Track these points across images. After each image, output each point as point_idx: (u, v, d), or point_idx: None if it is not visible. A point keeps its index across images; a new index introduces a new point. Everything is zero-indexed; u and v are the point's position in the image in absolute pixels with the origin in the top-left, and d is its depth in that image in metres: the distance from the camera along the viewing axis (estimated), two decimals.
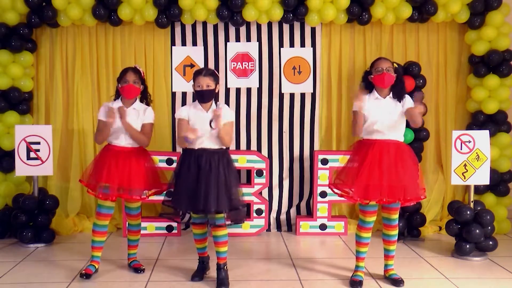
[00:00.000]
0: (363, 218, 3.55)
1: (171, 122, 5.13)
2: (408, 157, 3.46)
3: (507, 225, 4.92)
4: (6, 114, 4.78)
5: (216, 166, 3.41)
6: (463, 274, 3.83)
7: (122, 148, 3.63)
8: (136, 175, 3.61)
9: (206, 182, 3.36)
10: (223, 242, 3.53)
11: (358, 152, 3.53)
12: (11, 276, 3.76)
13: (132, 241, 3.90)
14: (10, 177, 4.81)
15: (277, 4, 4.73)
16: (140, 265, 3.86)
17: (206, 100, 3.47)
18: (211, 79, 3.45)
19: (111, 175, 3.54)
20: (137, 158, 3.66)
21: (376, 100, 3.50)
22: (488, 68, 4.84)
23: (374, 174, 3.36)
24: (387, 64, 3.47)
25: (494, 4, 4.76)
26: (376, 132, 3.46)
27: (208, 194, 3.34)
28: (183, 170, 3.46)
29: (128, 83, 3.61)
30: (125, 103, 3.67)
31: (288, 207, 5.17)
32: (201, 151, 3.43)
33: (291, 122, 5.16)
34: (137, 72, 3.67)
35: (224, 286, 3.50)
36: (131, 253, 3.92)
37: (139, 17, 4.76)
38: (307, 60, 5.13)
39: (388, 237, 3.63)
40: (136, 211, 3.83)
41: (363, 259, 3.66)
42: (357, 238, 3.63)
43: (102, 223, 3.68)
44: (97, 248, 3.75)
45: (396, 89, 3.49)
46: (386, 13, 4.78)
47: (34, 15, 4.77)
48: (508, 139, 4.89)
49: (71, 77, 5.08)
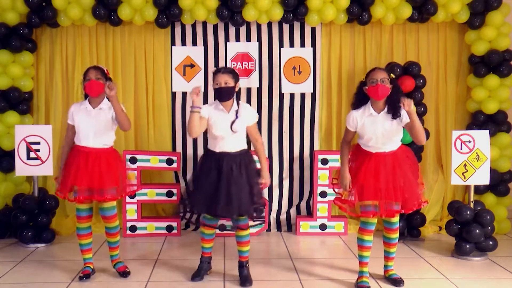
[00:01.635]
0: (365, 220, 3.47)
1: (171, 122, 5.13)
2: (405, 165, 3.40)
3: (507, 225, 4.92)
4: (6, 114, 4.78)
5: (238, 168, 3.38)
6: (463, 274, 3.83)
7: (91, 149, 3.52)
8: (107, 174, 3.49)
9: (227, 187, 3.33)
10: (246, 241, 3.57)
11: (355, 158, 3.50)
12: (11, 276, 3.76)
13: (112, 243, 3.75)
14: (10, 177, 4.81)
15: (277, 4, 4.73)
16: (124, 268, 3.76)
17: (224, 98, 3.40)
18: (229, 76, 3.38)
19: (79, 176, 3.45)
20: (106, 158, 3.55)
21: (370, 117, 3.37)
22: (488, 68, 4.84)
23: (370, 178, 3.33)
24: (382, 75, 3.30)
25: (494, 4, 4.76)
26: (372, 147, 3.40)
27: (230, 199, 3.32)
28: (203, 173, 3.44)
29: (90, 80, 3.46)
30: (92, 103, 3.54)
31: (288, 207, 5.17)
32: (222, 155, 3.40)
33: (291, 122, 5.16)
34: (99, 69, 3.53)
35: (248, 283, 3.54)
36: (113, 254, 3.79)
37: (139, 17, 4.76)
38: (307, 60, 5.13)
39: (388, 240, 3.61)
40: (111, 212, 3.63)
41: (367, 264, 3.56)
42: (359, 242, 3.53)
43: (84, 225, 3.66)
44: (86, 251, 3.73)
45: (391, 102, 3.31)
46: (386, 13, 4.78)
47: (34, 15, 4.77)
48: (508, 139, 4.89)
49: (71, 77, 5.08)
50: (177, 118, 5.12)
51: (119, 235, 3.78)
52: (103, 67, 3.60)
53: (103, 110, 3.54)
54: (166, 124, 5.13)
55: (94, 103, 3.55)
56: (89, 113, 3.53)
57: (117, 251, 3.80)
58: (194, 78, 5.11)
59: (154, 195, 4.81)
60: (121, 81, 5.06)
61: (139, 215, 4.83)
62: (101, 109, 3.54)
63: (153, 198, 4.82)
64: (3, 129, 4.77)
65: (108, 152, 3.60)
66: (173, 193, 4.81)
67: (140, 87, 5.08)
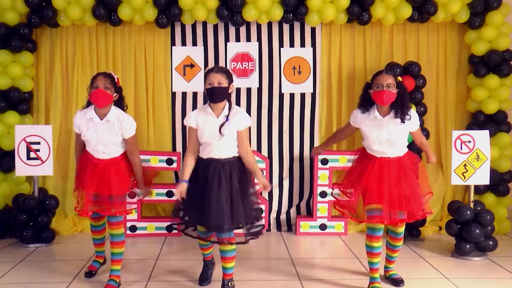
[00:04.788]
0: (372, 226, 3.34)
1: (171, 122, 5.13)
2: (411, 173, 3.35)
3: (507, 225, 4.92)
4: (6, 114, 4.78)
5: (228, 178, 3.13)
6: (463, 274, 3.83)
7: (99, 160, 3.36)
8: (115, 183, 3.33)
9: (216, 198, 3.08)
10: (230, 257, 3.27)
11: (361, 161, 3.46)
12: (11, 276, 3.76)
13: (115, 255, 3.45)
14: (10, 177, 4.81)
15: (277, 4, 4.72)
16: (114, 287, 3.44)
17: (217, 100, 3.13)
18: (223, 76, 3.13)
19: (88, 183, 3.32)
20: (116, 168, 3.37)
21: (375, 120, 3.32)
22: (488, 68, 4.84)
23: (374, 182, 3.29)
24: (389, 80, 3.22)
25: (494, 4, 4.76)
26: (378, 152, 3.35)
27: (222, 212, 3.06)
28: (191, 182, 3.21)
29: (97, 88, 3.20)
30: (98, 112, 3.30)
31: (288, 207, 5.17)
32: (209, 161, 3.16)
33: (291, 122, 5.16)
34: (109, 77, 3.28)
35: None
36: (114, 269, 3.48)
37: (139, 17, 4.76)
38: (307, 60, 5.13)
39: (392, 247, 3.60)
40: (117, 218, 3.40)
41: (378, 270, 3.46)
42: (368, 248, 3.40)
43: (96, 224, 3.68)
44: (97, 245, 3.78)
45: (398, 106, 3.25)
46: (386, 13, 4.78)
47: (34, 15, 4.77)
48: (508, 139, 4.89)
49: (71, 77, 5.07)
50: (177, 118, 5.12)
51: (123, 246, 3.49)
52: (113, 74, 3.37)
53: (111, 122, 3.31)
54: (166, 124, 5.13)
55: (100, 113, 3.32)
56: (96, 126, 3.31)
57: (118, 266, 3.48)
58: (194, 78, 5.11)
59: (154, 195, 4.80)
60: (121, 81, 4.99)
61: (139, 215, 4.83)
62: (109, 121, 3.31)
63: (153, 198, 4.82)
64: (3, 129, 4.77)
65: (117, 161, 3.41)
66: (173, 193, 4.80)
67: (140, 87, 5.08)
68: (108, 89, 3.25)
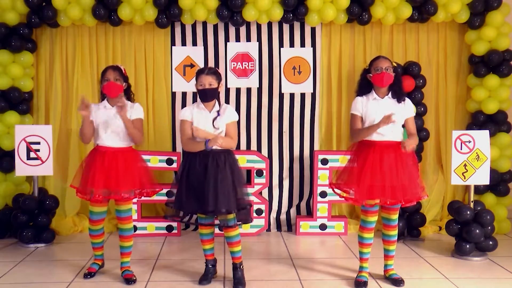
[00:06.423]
0: (365, 218, 3.55)
1: (171, 122, 5.13)
2: (407, 157, 3.45)
3: (507, 225, 4.92)
4: (6, 114, 4.78)
5: (223, 166, 3.37)
6: (463, 274, 3.83)
7: (107, 148, 3.52)
8: (124, 175, 3.49)
9: (214, 183, 3.31)
10: (236, 242, 3.51)
11: (359, 153, 3.51)
12: (11, 276, 3.76)
13: (125, 248, 3.71)
14: (10, 177, 4.81)
15: (277, 4, 4.73)
16: (131, 275, 3.65)
17: (209, 99, 3.43)
18: (213, 77, 3.42)
19: (97, 178, 3.44)
20: (125, 158, 3.55)
21: (374, 101, 3.49)
22: (488, 68, 4.84)
23: (376, 175, 3.36)
24: (387, 63, 3.45)
25: (494, 4, 4.76)
26: (376, 134, 3.43)
27: (217, 194, 3.30)
28: (188, 172, 3.41)
29: (109, 81, 3.51)
30: (110, 103, 3.59)
31: (288, 207, 5.17)
32: (207, 152, 3.37)
33: (291, 122, 5.16)
34: (117, 70, 3.57)
35: (241, 286, 3.49)
36: (124, 261, 3.73)
37: (139, 17, 4.76)
38: (307, 60, 5.13)
39: (388, 237, 3.64)
40: (127, 213, 3.66)
41: (367, 260, 3.65)
42: (359, 239, 3.63)
43: (95, 227, 3.67)
44: (97, 248, 3.78)
45: (395, 88, 3.49)
46: (386, 13, 4.78)
47: (34, 15, 4.77)
48: (508, 139, 4.89)
49: (71, 77, 5.07)
50: (177, 118, 5.11)
51: (132, 240, 3.74)
52: (120, 66, 3.63)
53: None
54: (166, 124, 5.13)
55: (112, 103, 3.57)
56: (108, 112, 3.55)
57: (128, 258, 3.74)
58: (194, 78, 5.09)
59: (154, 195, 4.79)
60: None
61: (139, 215, 4.83)
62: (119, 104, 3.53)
63: (153, 198, 4.80)
64: (3, 129, 4.77)
65: (127, 151, 3.59)
66: (173, 193, 4.77)
67: (140, 87, 5.08)
68: (118, 80, 3.55)
